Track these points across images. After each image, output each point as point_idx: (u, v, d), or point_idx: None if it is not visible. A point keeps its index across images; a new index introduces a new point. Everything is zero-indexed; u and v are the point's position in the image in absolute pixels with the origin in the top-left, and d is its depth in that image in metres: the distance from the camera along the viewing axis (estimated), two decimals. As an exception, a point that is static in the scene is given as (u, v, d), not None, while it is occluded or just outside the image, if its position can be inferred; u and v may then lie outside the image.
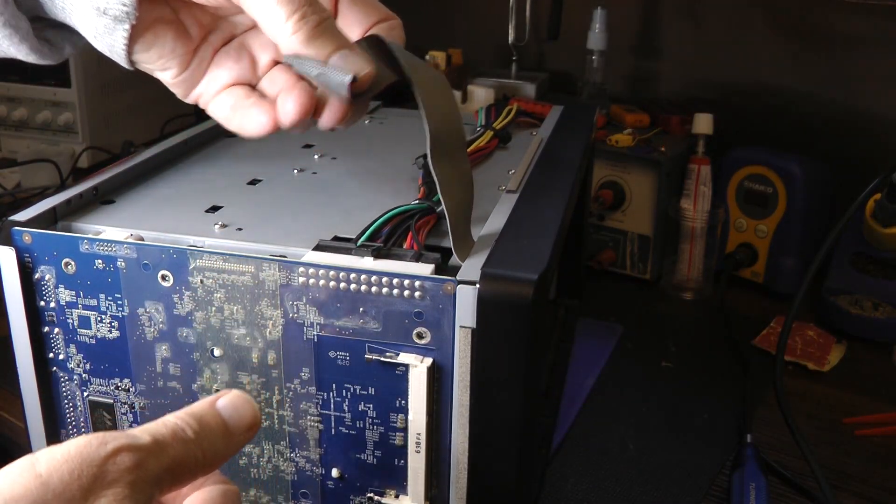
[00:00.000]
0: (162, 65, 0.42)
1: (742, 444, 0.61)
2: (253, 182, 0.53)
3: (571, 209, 0.52)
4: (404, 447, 0.41)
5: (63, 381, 0.45)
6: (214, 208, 0.48)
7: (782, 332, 0.69)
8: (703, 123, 0.85)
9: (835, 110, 0.92)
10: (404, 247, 0.43)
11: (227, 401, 0.35)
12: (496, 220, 0.45)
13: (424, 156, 0.54)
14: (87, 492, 0.29)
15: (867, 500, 0.58)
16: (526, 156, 0.57)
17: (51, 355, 0.45)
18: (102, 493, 0.29)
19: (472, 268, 0.39)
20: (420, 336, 0.39)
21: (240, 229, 0.45)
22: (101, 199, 0.49)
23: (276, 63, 0.43)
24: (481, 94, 0.86)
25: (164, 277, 0.41)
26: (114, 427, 0.45)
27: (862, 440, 0.64)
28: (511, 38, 1.03)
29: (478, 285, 0.38)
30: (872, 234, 0.79)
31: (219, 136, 0.63)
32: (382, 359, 0.40)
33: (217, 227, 0.45)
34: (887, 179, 0.74)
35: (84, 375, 0.45)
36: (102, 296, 0.43)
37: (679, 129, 0.90)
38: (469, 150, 0.58)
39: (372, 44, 0.40)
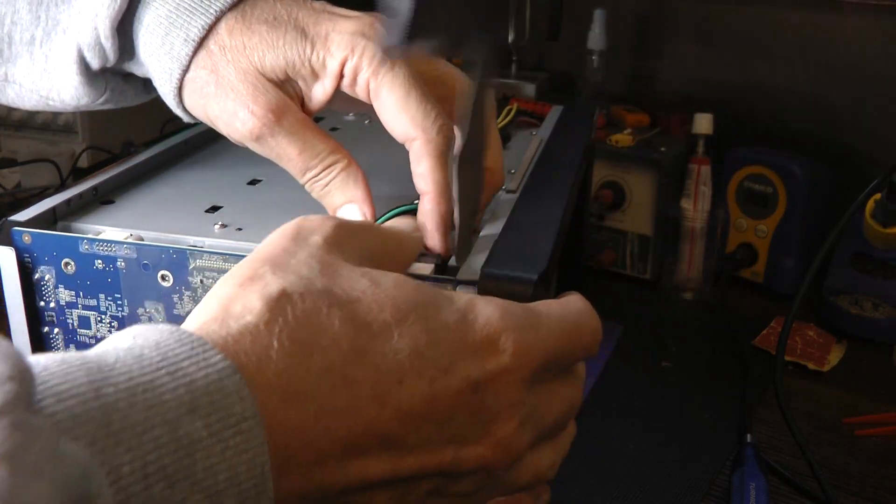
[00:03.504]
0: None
1: (742, 444, 0.61)
2: (253, 182, 0.53)
3: (571, 209, 0.52)
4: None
5: (63, 382, 0.45)
6: (214, 208, 0.48)
7: (782, 332, 0.69)
8: (703, 123, 0.85)
9: (835, 110, 0.92)
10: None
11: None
12: (496, 220, 0.45)
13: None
14: (293, 243, 0.31)
15: (867, 500, 0.58)
16: (526, 156, 0.57)
17: (51, 355, 0.45)
18: (307, 239, 0.31)
19: (471, 268, 0.39)
20: (420, 336, 0.39)
21: (240, 229, 0.45)
22: (100, 199, 0.49)
23: None
24: (481, 94, 0.86)
25: (163, 277, 0.41)
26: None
27: (862, 440, 0.64)
28: (511, 38, 1.03)
29: (477, 285, 0.38)
30: (872, 234, 0.79)
31: (219, 136, 0.62)
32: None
33: (217, 227, 0.45)
34: (887, 179, 0.74)
35: (84, 375, 0.45)
36: (102, 296, 0.43)
37: (679, 129, 0.90)
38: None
39: None
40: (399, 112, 0.41)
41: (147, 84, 0.49)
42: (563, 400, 0.34)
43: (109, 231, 0.44)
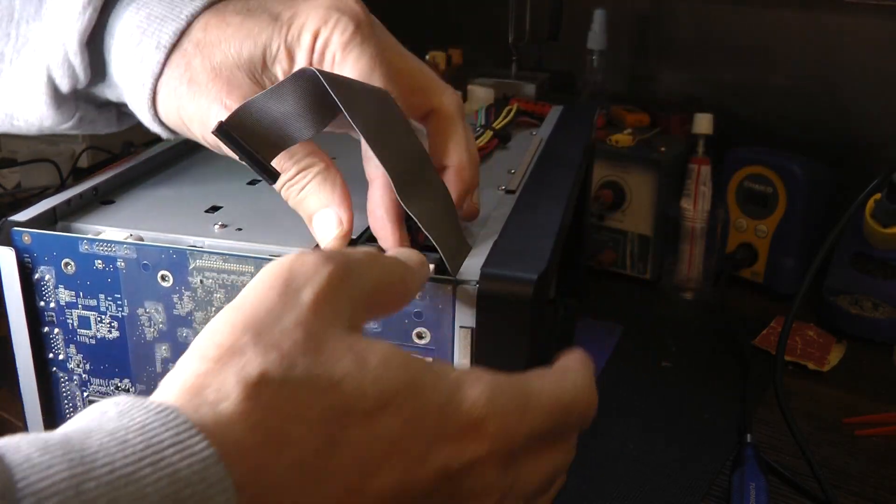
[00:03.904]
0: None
1: (742, 444, 0.61)
2: (253, 182, 0.53)
3: (571, 209, 0.52)
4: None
5: (63, 382, 0.45)
6: (214, 208, 0.48)
7: (782, 332, 0.69)
8: (703, 123, 0.85)
9: (835, 110, 0.92)
10: (404, 247, 0.42)
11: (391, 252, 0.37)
12: (496, 220, 0.45)
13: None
14: (280, 302, 0.28)
15: (867, 500, 0.58)
16: (526, 156, 0.57)
17: (50, 355, 0.45)
18: (297, 296, 0.28)
19: (471, 268, 0.39)
20: (420, 336, 0.39)
21: (239, 229, 0.45)
22: (100, 199, 0.49)
23: None
24: (481, 94, 0.86)
25: (163, 277, 0.41)
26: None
27: (862, 440, 0.64)
28: (511, 38, 1.03)
29: (477, 285, 0.38)
30: (872, 234, 0.79)
31: (219, 136, 0.62)
32: (382, 359, 0.40)
33: (217, 227, 0.45)
34: (887, 179, 0.74)
35: (84, 376, 0.45)
36: (102, 296, 0.43)
37: (679, 129, 0.90)
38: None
39: (300, 79, 0.38)
40: None
41: (121, 114, 0.48)
42: (548, 468, 0.33)
43: (109, 231, 0.44)
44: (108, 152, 1.03)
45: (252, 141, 0.37)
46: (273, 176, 0.38)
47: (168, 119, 0.43)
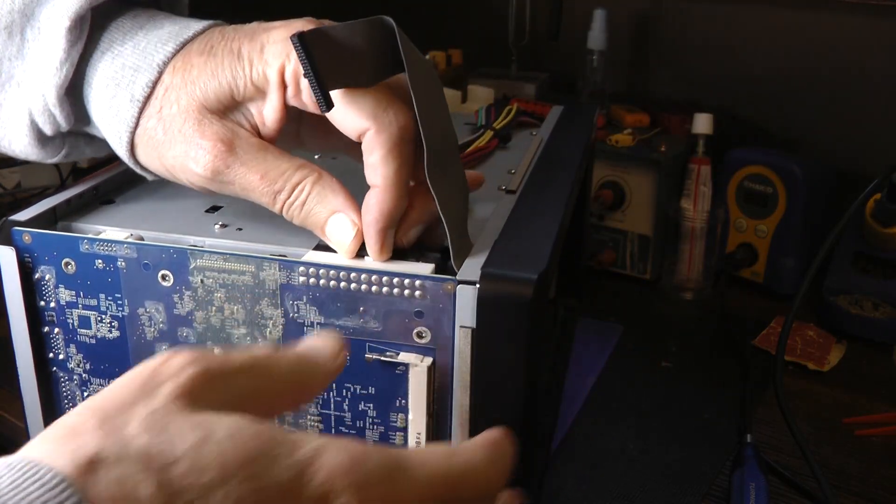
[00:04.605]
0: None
1: (742, 444, 0.61)
2: (253, 182, 0.53)
3: (571, 209, 0.52)
4: (404, 447, 0.41)
5: (63, 381, 0.45)
6: (214, 208, 0.48)
7: (782, 332, 0.69)
8: (703, 123, 0.85)
9: (835, 110, 0.92)
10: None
11: (302, 343, 0.34)
12: (496, 220, 0.45)
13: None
14: (138, 393, 0.28)
15: (867, 500, 0.58)
16: (526, 156, 0.57)
17: (51, 355, 0.45)
18: (156, 390, 0.28)
19: (472, 268, 0.39)
20: (420, 335, 0.39)
21: (240, 229, 0.45)
22: (101, 199, 0.49)
23: None
24: (481, 94, 0.86)
25: (164, 277, 0.41)
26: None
27: (862, 440, 0.64)
28: (511, 38, 1.03)
29: (477, 285, 0.38)
30: (872, 234, 0.79)
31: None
32: (383, 358, 0.40)
33: (217, 226, 0.45)
34: (887, 179, 0.74)
35: (84, 375, 0.45)
36: (102, 296, 0.43)
37: (679, 129, 0.90)
38: (469, 150, 0.58)
39: (375, 23, 0.38)
40: (347, 104, 0.39)
41: None
42: None
43: (110, 231, 0.44)
44: (108, 152, 1.03)
45: (321, 63, 0.37)
46: (329, 104, 0.38)
47: (150, 166, 0.43)
